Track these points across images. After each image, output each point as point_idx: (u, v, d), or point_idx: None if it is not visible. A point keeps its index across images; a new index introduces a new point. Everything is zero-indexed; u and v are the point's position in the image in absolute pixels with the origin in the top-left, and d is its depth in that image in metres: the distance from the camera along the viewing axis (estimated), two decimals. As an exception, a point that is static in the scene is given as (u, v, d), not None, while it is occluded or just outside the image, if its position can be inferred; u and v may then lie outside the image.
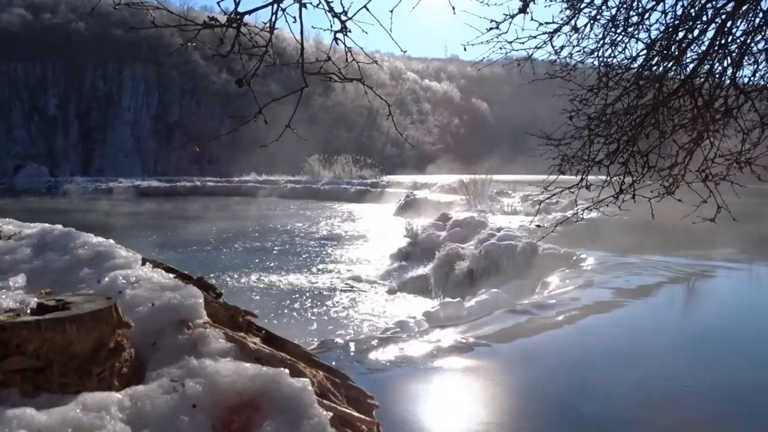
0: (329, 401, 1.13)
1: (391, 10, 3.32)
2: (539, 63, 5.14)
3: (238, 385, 0.98)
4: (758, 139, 4.14)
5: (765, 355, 6.19)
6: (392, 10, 3.32)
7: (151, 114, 78.45)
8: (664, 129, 4.25)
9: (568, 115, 4.60)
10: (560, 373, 5.53)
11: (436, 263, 14.31)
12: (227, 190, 51.87)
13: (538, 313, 7.29)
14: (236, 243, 21.59)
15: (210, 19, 2.85)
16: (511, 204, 24.91)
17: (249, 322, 1.32)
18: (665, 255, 11.52)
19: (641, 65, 4.39)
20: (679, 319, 7.90)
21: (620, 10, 4.54)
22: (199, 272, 8.72)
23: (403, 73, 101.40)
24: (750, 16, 4.06)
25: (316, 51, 3.90)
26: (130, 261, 1.47)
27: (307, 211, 36.20)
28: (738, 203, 4.31)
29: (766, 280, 10.68)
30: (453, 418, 4.40)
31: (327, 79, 3.22)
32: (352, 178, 51.72)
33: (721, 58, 4.15)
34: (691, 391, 5.12)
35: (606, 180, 4.59)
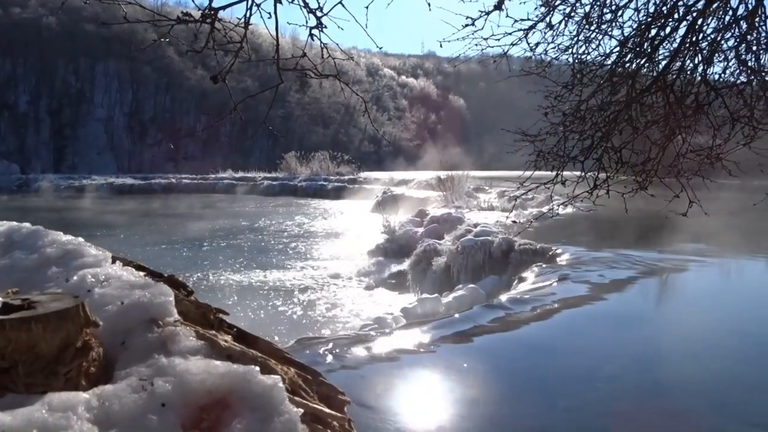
0: (300, 398, 1.12)
1: (367, 7, 3.31)
2: (515, 60, 5.17)
3: (208, 383, 0.97)
4: (728, 135, 4.21)
5: (737, 347, 6.31)
6: (368, 7, 3.32)
7: (125, 110, 77.37)
8: (637, 125, 4.31)
9: (544, 112, 4.63)
10: (536, 368, 5.58)
11: (414, 259, 14.36)
12: (203, 188, 51.40)
13: (515, 308, 7.34)
14: (212, 240, 21.42)
15: (184, 15, 2.82)
16: (487, 200, 25.07)
17: (221, 320, 1.31)
18: (638, 249, 11.69)
19: (614, 62, 4.43)
20: (653, 313, 8.02)
21: (594, 7, 4.59)
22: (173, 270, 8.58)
23: (380, 69, 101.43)
24: (720, 14, 4.12)
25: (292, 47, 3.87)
26: (100, 259, 1.44)
27: (284, 208, 36.04)
28: (709, 198, 4.38)
29: (737, 274, 10.90)
30: (428, 412, 4.42)
31: (303, 76, 3.20)
32: (329, 175, 51.59)
33: (693, 55, 4.21)
34: (665, 384, 5.20)
35: (581, 176, 4.63)
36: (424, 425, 4.23)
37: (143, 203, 37.10)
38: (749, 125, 4.12)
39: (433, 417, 4.34)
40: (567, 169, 4.71)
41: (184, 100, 77.71)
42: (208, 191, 49.86)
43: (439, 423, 4.24)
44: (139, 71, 76.41)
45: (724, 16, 4.13)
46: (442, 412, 4.41)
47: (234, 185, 51.08)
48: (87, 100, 75.46)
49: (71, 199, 40.79)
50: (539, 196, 15.29)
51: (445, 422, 4.25)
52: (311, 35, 3.10)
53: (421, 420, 4.30)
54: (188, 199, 42.07)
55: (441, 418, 4.32)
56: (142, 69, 76.43)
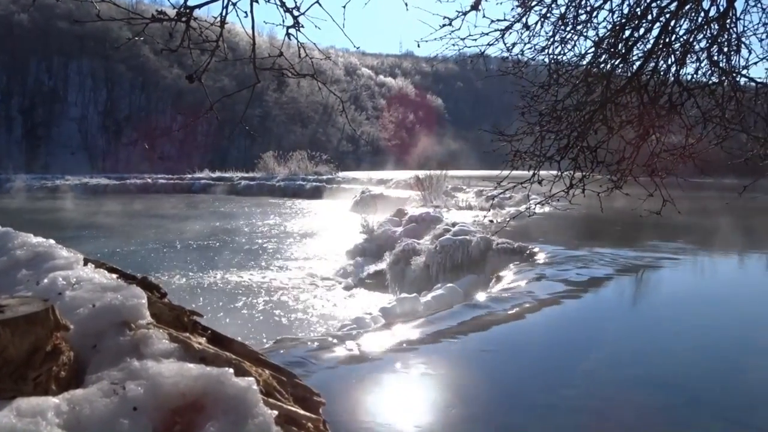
0: (275, 400, 1.11)
1: (344, 6, 3.31)
2: (492, 59, 5.20)
3: (181, 386, 0.96)
4: (701, 135, 4.28)
5: (709, 343, 6.42)
6: (345, 6, 3.31)
7: (99, 110, 76.24)
8: (612, 125, 4.36)
9: (520, 112, 4.67)
10: (514, 365, 5.62)
11: (392, 259, 14.36)
12: (179, 188, 50.86)
13: (493, 306, 7.38)
14: (189, 241, 21.21)
15: (158, 13, 2.78)
16: (465, 199, 25.19)
17: (194, 322, 1.29)
18: (614, 248, 11.83)
19: (590, 62, 4.48)
20: (628, 309, 8.13)
21: (569, 8, 4.63)
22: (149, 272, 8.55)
23: (358, 68, 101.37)
24: (692, 15, 4.19)
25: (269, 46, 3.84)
26: (71, 261, 1.41)
27: (262, 208, 35.82)
28: (683, 197, 4.45)
29: (710, 271, 11.08)
30: (406, 413, 4.42)
31: (280, 75, 3.18)
32: (307, 175, 51.39)
33: (666, 56, 4.27)
34: (640, 379, 5.27)
35: (557, 175, 4.67)
36: (401, 425, 4.23)
37: (118, 204, 36.57)
38: (721, 125, 4.19)
39: (410, 417, 4.34)
40: (544, 168, 4.75)
41: (160, 100, 76.83)
42: (184, 191, 49.35)
43: (417, 423, 4.24)
44: (113, 70, 75.34)
45: (696, 18, 4.20)
46: (420, 412, 4.42)
47: (211, 185, 50.63)
48: (60, 99, 74.23)
49: (44, 200, 40.08)
50: (517, 195, 15.40)
51: (423, 422, 4.25)
52: (288, 35, 3.09)
53: (399, 420, 4.29)
54: (164, 199, 41.60)
55: (419, 418, 4.32)
56: (117, 68, 75.38)
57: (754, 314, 7.76)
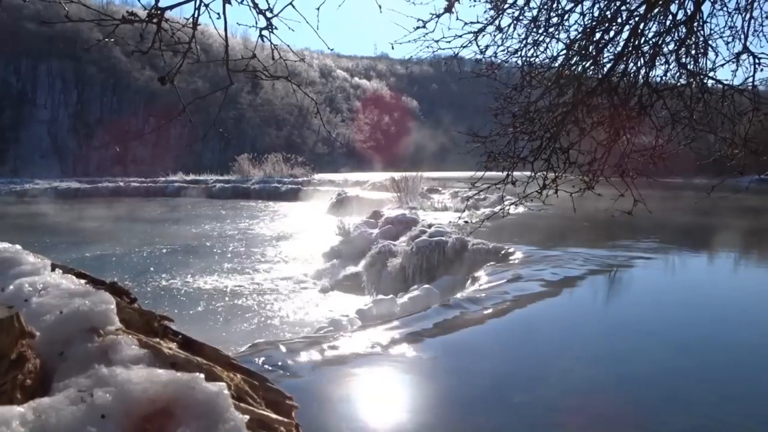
0: (247, 404, 1.11)
1: (318, 8, 3.30)
2: (466, 61, 5.22)
3: (150, 392, 0.95)
4: (670, 136, 4.36)
5: (681, 340, 6.53)
6: (319, 8, 3.30)
7: (70, 112, 74.91)
8: (583, 126, 4.41)
9: (494, 113, 4.70)
10: (490, 365, 5.65)
11: (369, 261, 14.37)
12: (153, 191, 50.18)
13: (469, 307, 7.42)
14: (163, 245, 20.94)
15: (129, 14, 2.75)
16: (441, 201, 25.30)
17: (165, 327, 1.28)
18: (588, 247, 11.98)
19: (561, 64, 4.53)
20: (602, 308, 8.23)
21: (541, 11, 4.68)
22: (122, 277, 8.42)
23: (333, 70, 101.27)
24: (660, 18, 4.26)
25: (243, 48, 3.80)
26: (38, 267, 1.39)
27: (237, 210, 35.55)
28: (653, 196, 4.52)
29: (681, 270, 11.28)
30: (382, 414, 4.42)
31: (254, 77, 3.16)
32: (283, 177, 51.11)
33: (635, 58, 4.34)
34: (614, 377, 5.34)
35: (530, 176, 4.71)
36: (377, 426, 4.23)
37: (90, 208, 35.93)
38: (689, 126, 4.27)
39: (387, 418, 4.34)
40: (517, 169, 4.79)
41: (132, 102, 75.77)
42: (157, 195, 48.71)
43: (393, 424, 4.25)
44: (84, 72, 74.14)
45: (664, 21, 4.27)
46: (396, 413, 4.42)
47: (185, 188, 50.08)
48: (29, 101, 72.76)
49: (13, 205, 39.23)
50: (492, 196, 15.51)
51: (400, 423, 4.26)
52: (261, 36, 3.07)
53: (375, 421, 4.29)
54: (137, 203, 41.04)
55: (395, 419, 4.33)
56: (88, 69, 74.19)
57: (723, 311, 7.92)
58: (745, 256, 13.05)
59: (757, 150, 4.14)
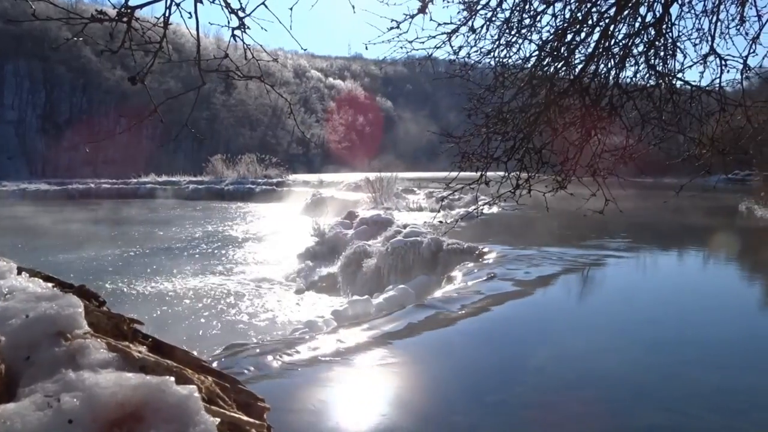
0: (218, 407, 1.10)
1: (291, 8, 3.28)
2: (440, 62, 5.24)
3: (119, 396, 0.93)
4: (640, 136, 4.43)
5: (651, 337, 6.64)
6: (292, 8, 3.29)
7: (38, 112, 73.33)
8: (555, 126, 4.46)
9: (467, 114, 4.73)
10: (465, 365, 5.68)
11: (344, 261, 14.34)
12: (124, 192, 49.41)
13: (444, 306, 7.45)
14: (135, 247, 20.64)
15: (98, 13, 2.70)
16: (416, 201, 25.36)
17: (135, 330, 1.26)
18: (560, 246, 12.12)
19: (534, 65, 4.57)
20: (575, 307, 8.34)
21: (514, 12, 4.71)
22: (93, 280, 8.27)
23: (307, 71, 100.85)
24: (630, 20, 4.33)
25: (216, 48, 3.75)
26: (4, 271, 1.36)
27: (211, 212, 35.21)
28: (624, 196, 4.59)
29: (651, 268, 11.48)
30: (356, 414, 4.42)
31: (226, 77, 3.14)
32: (257, 178, 50.71)
33: (606, 59, 4.40)
34: (587, 374, 5.41)
35: (504, 176, 4.75)
36: (351, 427, 4.23)
37: (59, 210, 35.24)
38: (659, 126, 4.34)
39: (361, 419, 4.34)
40: (491, 169, 4.82)
41: (103, 102, 74.48)
42: (129, 196, 47.98)
43: (368, 425, 4.24)
44: (52, 71, 72.66)
45: (633, 23, 4.34)
46: (371, 414, 4.42)
47: (157, 189, 49.40)
48: (-5, 101, 71.16)
49: (-21, 207, 38.31)
50: (466, 196, 15.59)
51: (374, 424, 4.26)
52: (234, 36, 3.04)
53: (349, 422, 4.29)
54: (108, 204, 40.36)
55: (370, 419, 4.32)
56: (56, 69, 72.73)
57: (692, 309, 8.08)
58: (713, 254, 13.32)
59: (724, 150, 4.23)
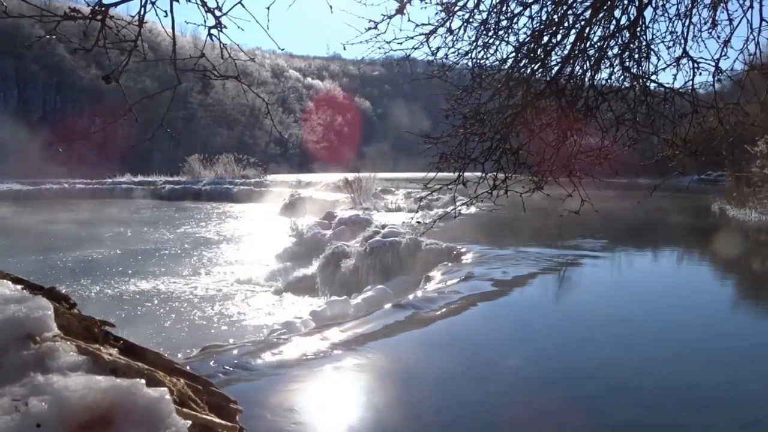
0: (189, 409, 1.09)
1: (268, 7, 3.26)
2: (419, 63, 5.25)
3: (89, 399, 0.92)
4: (615, 137, 4.48)
5: (626, 335, 6.74)
6: (269, 7, 3.27)
7: (11, 111, 71.91)
8: (532, 127, 4.49)
9: (445, 114, 4.74)
10: (443, 364, 5.70)
11: (322, 262, 14.30)
12: (99, 193, 48.66)
13: (423, 306, 7.47)
14: (109, 248, 20.33)
15: (72, 10, 2.67)
16: (394, 201, 25.40)
17: (106, 333, 1.25)
18: (538, 246, 12.23)
19: (511, 67, 4.60)
20: (552, 306, 8.42)
21: (491, 14, 4.74)
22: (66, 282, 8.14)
23: (286, 70, 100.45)
24: (605, 23, 4.38)
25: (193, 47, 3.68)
26: (-28, 273, 1.33)
27: (188, 212, 34.86)
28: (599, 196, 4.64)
29: (626, 267, 11.63)
30: (332, 415, 4.41)
31: (203, 77, 3.11)
32: (234, 178, 50.33)
33: (582, 61, 4.45)
34: (563, 373, 5.47)
35: (481, 176, 4.77)
36: (328, 428, 4.22)
37: (32, 210, 34.57)
38: (633, 128, 4.40)
39: (338, 420, 4.33)
40: (469, 170, 4.84)
41: (77, 101, 73.37)
42: (104, 197, 47.26)
43: (345, 425, 4.24)
44: (25, 69, 71.39)
45: (608, 26, 4.39)
46: (348, 415, 4.41)
47: (133, 190, 48.74)
48: (-35, 99, 69.73)
49: (-52, 207, 37.45)
50: (444, 196, 15.65)
51: (351, 424, 4.25)
52: (210, 35, 3.02)
53: (326, 423, 4.28)
54: (83, 204, 39.70)
55: (347, 420, 4.32)
56: (29, 67, 71.46)
57: (665, 308, 8.21)
58: (686, 254, 13.55)
59: (696, 151, 4.30)
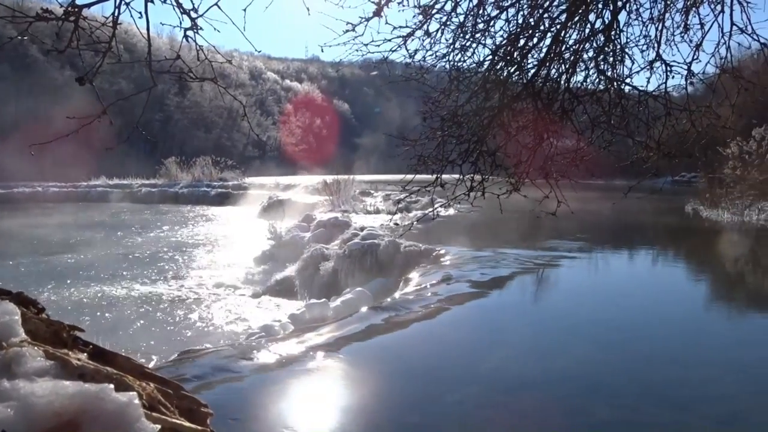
0: (159, 413, 1.08)
1: (245, 9, 3.25)
2: (397, 65, 5.26)
3: (56, 405, 0.91)
4: (590, 139, 4.54)
5: (603, 335, 6.81)
6: (245, 9, 3.25)
7: (-19, 113, 70.56)
8: (509, 130, 4.53)
9: (422, 117, 4.76)
10: (422, 366, 5.72)
11: (301, 265, 14.24)
12: (74, 196, 47.88)
13: (401, 309, 7.48)
14: (84, 253, 20.01)
15: (44, 11, 2.63)
16: (373, 203, 25.40)
17: (75, 338, 1.23)
18: (515, 248, 12.32)
19: (487, 69, 4.63)
20: (529, 307, 8.48)
21: (468, 17, 4.77)
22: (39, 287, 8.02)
23: (264, 73, 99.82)
24: (580, 26, 4.44)
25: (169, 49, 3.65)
26: (-61, 277, 1.31)
27: (164, 215, 34.48)
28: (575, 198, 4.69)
29: (602, 267, 11.76)
30: (312, 419, 4.39)
31: (178, 79, 3.08)
32: (212, 181, 49.85)
33: (557, 64, 4.50)
34: (540, 373, 5.51)
35: (459, 178, 4.80)
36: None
37: (3, 214, 33.96)
38: (608, 130, 4.46)
39: (317, 424, 4.31)
40: (446, 172, 4.86)
41: (51, 102, 72.01)
42: (79, 200, 46.57)
43: (321, 429, 4.22)
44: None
45: (583, 29, 4.45)
46: (327, 419, 4.40)
47: (109, 193, 48.07)
48: (-67, 101, 68.15)
49: None
50: (423, 199, 15.71)
51: (327, 428, 4.24)
52: (186, 37, 3.00)
53: (301, 427, 4.25)
54: (57, 208, 39.08)
55: (326, 424, 4.30)
56: (1, 68, 70.21)
57: (641, 307, 8.32)
58: (661, 254, 13.76)
59: (670, 153, 4.37)
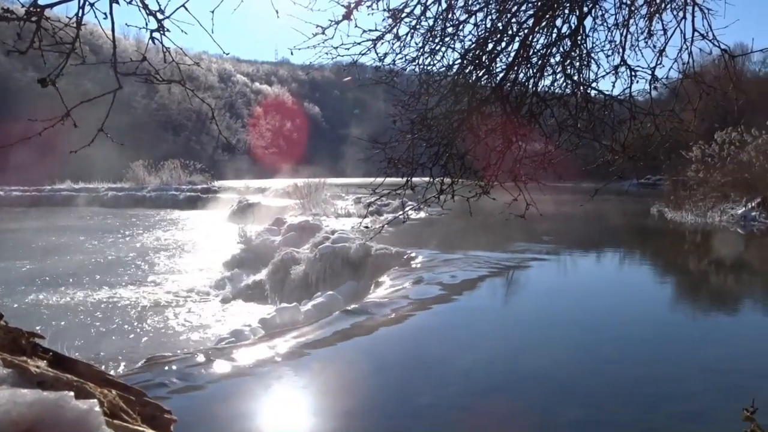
0: (121, 420, 1.07)
1: (212, 11, 3.22)
2: (367, 68, 5.26)
3: (13, 413, 0.89)
4: (558, 143, 4.60)
5: (573, 336, 6.90)
6: (213, 11, 3.22)
7: (-60, 115, 68.57)
8: (478, 133, 4.56)
9: (392, 120, 4.76)
10: (394, 368, 5.72)
11: (272, 269, 14.14)
12: (37, 200, 46.83)
13: (373, 312, 7.48)
14: (48, 258, 19.55)
15: (5, 11, 2.58)
16: (344, 207, 25.33)
17: (34, 345, 1.20)
18: (486, 250, 12.42)
19: (456, 73, 4.66)
20: (500, 309, 8.55)
21: (437, 21, 4.79)
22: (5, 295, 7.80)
23: (233, 75, 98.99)
24: (547, 31, 4.50)
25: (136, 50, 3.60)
26: None
27: (132, 220, 33.92)
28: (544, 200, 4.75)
29: (571, 269, 11.93)
30: (281, 424, 4.36)
31: (144, 81, 3.04)
32: (180, 184, 49.24)
33: (525, 68, 4.55)
34: (512, 374, 5.56)
35: (429, 181, 4.82)
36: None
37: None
38: (574, 134, 4.53)
39: (282, 429, 4.28)
40: (417, 175, 4.88)
41: (13, 104, 70.32)
42: (43, 204, 45.56)
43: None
44: (-45, 72, 68.25)
45: (550, 34, 4.51)
46: (295, 423, 4.37)
47: (74, 197, 47.13)
48: None
49: None
50: (394, 202, 15.71)
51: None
52: (152, 39, 2.96)
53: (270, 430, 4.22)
54: (20, 213, 38.18)
55: (294, 429, 4.27)
56: (-40, 70, 68.39)
57: (608, 307, 8.46)
58: (628, 255, 14.00)
59: (635, 156, 4.46)
